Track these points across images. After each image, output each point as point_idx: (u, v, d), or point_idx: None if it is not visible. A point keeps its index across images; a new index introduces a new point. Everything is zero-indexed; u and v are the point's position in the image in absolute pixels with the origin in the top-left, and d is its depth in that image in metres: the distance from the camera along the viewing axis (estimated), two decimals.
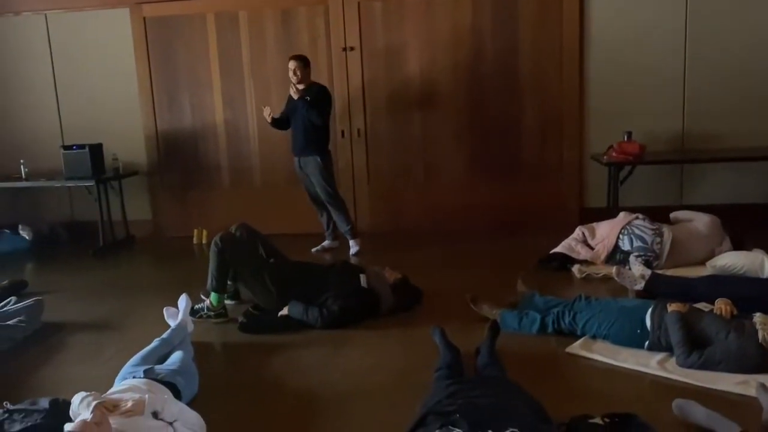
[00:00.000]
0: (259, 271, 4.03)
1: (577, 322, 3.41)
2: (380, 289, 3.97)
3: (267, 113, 5.46)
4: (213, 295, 4.05)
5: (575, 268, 4.58)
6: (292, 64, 5.31)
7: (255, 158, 6.40)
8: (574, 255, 4.70)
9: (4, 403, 2.70)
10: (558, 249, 4.78)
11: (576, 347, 3.28)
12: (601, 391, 2.89)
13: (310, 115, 5.28)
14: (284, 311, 3.88)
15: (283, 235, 5.40)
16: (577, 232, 4.85)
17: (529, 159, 6.07)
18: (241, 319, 3.90)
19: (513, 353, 3.21)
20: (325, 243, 5.71)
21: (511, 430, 2.01)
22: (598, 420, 2.39)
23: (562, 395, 2.79)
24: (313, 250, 5.61)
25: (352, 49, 6.06)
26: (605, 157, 5.50)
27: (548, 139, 6.02)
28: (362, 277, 4.02)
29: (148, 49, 6.33)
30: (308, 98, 5.26)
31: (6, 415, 2.60)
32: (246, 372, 3.34)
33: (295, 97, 5.28)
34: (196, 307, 4.00)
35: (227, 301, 4.21)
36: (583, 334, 3.39)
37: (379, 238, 6.06)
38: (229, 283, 4.17)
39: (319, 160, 5.40)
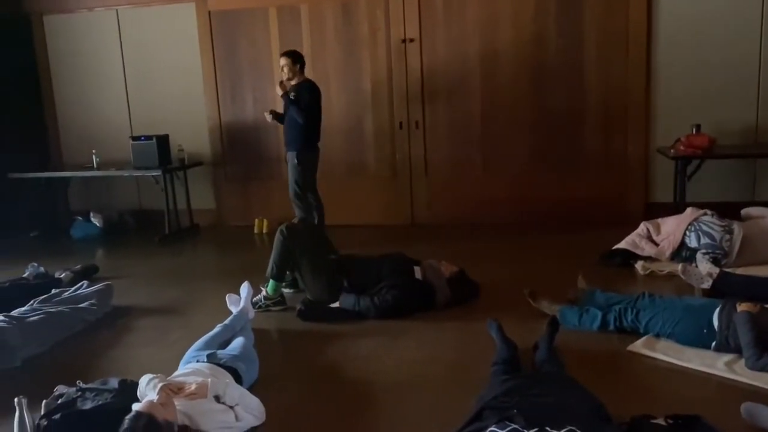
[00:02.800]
0: (318, 265, 4.08)
1: (640, 320, 3.31)
2: (436, 282, 3.96)
3: (268, 116, 5.50)
4: (270, 283, 4.13)
5: (639, 265, 4.45)
6: (281, 61, 5.34)
7: None
8: (637, 251, 4.57)
9: (77, 381, 2.84)
10: (621, 245, 4.65)
11: (638, 345, 3.20)
12: (663, 391, 2.81)
13: (292, 112, 5.27)
14: (336, 304, 3.93)
15: (340, 226, 5.46)
16: (642, 227, 4.71)
17: (591, 151, 5.92)
18: (299, 306, 3.96)
19: (572, 350, 3.16)
20: None
21: (570, 428, 1.98)
22: (660, 421, 2.32)
23: (623, 394, 2.73)
24: None
25: (411, 40, 6.04)
26: (672, 150, 5.32)
27: (612, 131, 5.86)
28: (417, 269, 4.03)
29: (212, 43, 6.49)
30: (292, 95, 5.26)
31: (79, 393, 2.73)
32: (303, 359, 3.40)
33: (279, 92, 5.32)
34: (254, 299, 4.03)
35: (286, 290, 4.28)
36: (645, 333, 3.29)
37: (436, 230, 6.06)
38: (287, 272, 4.24)
39: (294, 156, 5.33)
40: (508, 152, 6.07)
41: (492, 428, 2.05)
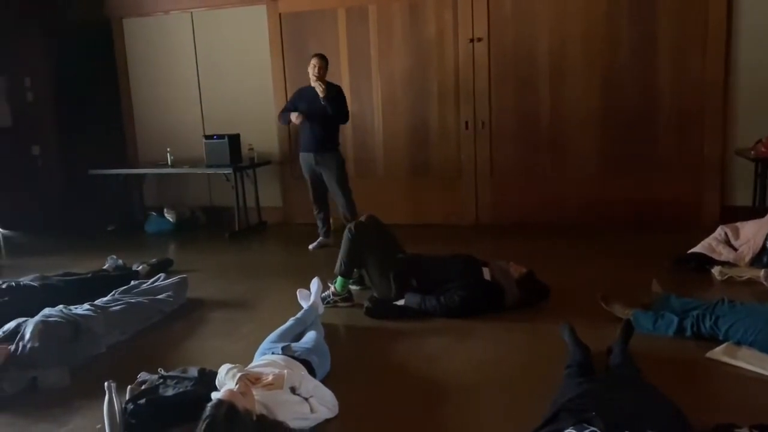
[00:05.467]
0: (385, 263, 4.11)
1: (719, 327, 3.20)
2: (504, 283, 3.93)
3: (298, 119, 5.53)
4: (339, 279, 4.18)
5: (716, 270, 4.30)
6: (316, 61, 5.41)
7: (379, 150, 6.52)
8: (714, 256, 4.41)
9: (159, 369, 2.97)
10: (697, 249, 4.50)
11: (718, 353, 3.08)
12: (746, 400, 2.70)
13: (338, 114, 5.42)
14: (401, 302, 3.96)
15: (404, 225, 5.49)
16: (719, 231, 4.55)
17: (665, 152, 5.74)
18: (366, 304, 4.01)
19: (647, 355, 3.07)
20: (321, 240, 5.84)
21: None
22: (745, 431, 2.24)
23: (702, 402, 2.64)
24: (311, 246, 5.79)
25: (479, 40, 6.00)
26: (752, 152, 5.11)
27: (687, 131, 5.66)
28: (485, 270, 4.01)
29: (282, 45, 6.63)
30: (331, 97, 5.37)
31: (161, 380, 2.85)
32: (372, 356, 3.43)
33: (322, 94, 5.36)
34: (322, 295, 4.09)
35: (352, 287, 4.33)
36: (725, 340, 3.18)
37: (502, 231, 6.01)
38: (355, 270, 4.29)
39: (338, 156, 5.57)
40: (577, 152, 5.96)
41: (569, 430, 2.02)
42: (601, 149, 5.89)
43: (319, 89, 5.38)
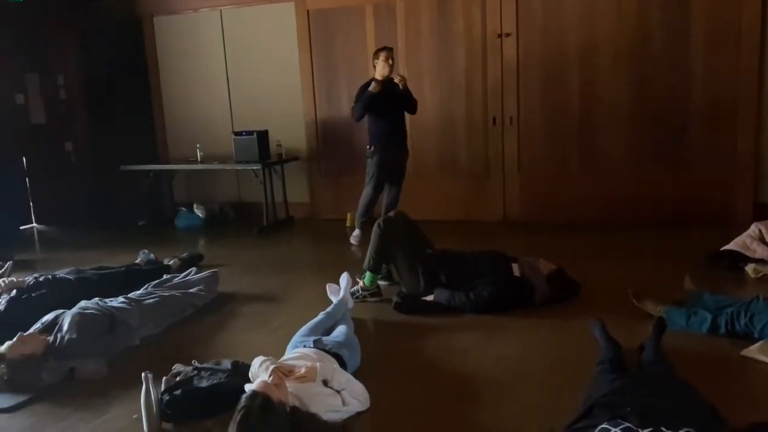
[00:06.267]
0: (414, 259, 4.11)
1: (754, 324, 3.15)
2: (534, 279, 3.91)
3: (399, 80, 5.35)
4: (368, 274, 4.20)
5: (750, 268, 4.23)
6: (387, 54, 5.37)
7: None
8: (748, 253, 4.34)
9: (193, 361, 3.02)
10: (730, 246, 4.43)
11: (753, 351, 3.03)
12: None
13: (413, 107, 5.47)
14: (430, 297, 3.96)
15: (432, 221, 5.49)
16: (753, 228, 4.48)
17: (697, 148, 5.66)
18: (395, 299, 4.02)
19: (679, 352, 3.04)
20: (359, 232, 5.76)
21: (687, 429, 1.93)
22: None
23: (738, 400, 2.60)
24: (353, 241, 5.74)
25: (508, 35, 5.97)
26: None
27: (720, 127, 5.57)
28: (515, 266, 4.00)
29: (310, 41, 6.66)
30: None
31: (195, 372, 2.90)
32: (401, 351, 3.44)
33: (401, 86, 5.34)
34: (351, 290, 4.10)
35: (381, 282, 4.35)
36: (760, 338, 3.12)
37: (529, 227, 5.99)
38: (383, 265, 4.31)
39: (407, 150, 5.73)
40: (607, 149, 5.90)
41: (604, 425, 2.02)
42: (632, 145, 5.83)
43: (400, 81, 5.36)
